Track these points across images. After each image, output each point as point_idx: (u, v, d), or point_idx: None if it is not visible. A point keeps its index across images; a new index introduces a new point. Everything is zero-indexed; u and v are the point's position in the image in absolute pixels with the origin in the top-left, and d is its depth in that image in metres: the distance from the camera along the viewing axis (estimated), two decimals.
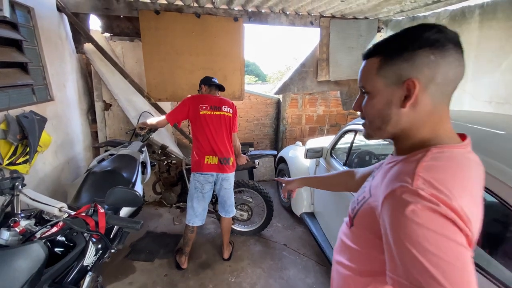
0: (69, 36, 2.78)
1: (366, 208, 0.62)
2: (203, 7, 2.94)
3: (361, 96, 0.64)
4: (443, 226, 0.44)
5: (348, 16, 3.47)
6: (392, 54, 0.56)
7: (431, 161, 0.51)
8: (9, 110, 1.83)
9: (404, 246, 0.45)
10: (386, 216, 0.50)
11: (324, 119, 4.31)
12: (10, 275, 0.80)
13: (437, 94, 0.55)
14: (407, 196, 0.47)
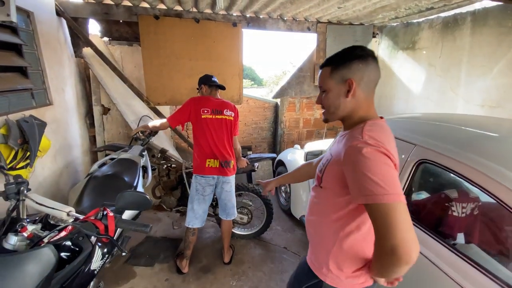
0: (68, 40, 2.78)
1: (331, 164, 0.90)
2: (202, 13, 2.98)
3: (320, 93, 0.95)
4: (382, 158, 0.74)
5: (344, 22, 3.54)
6: (338, 64, 0.88)
7: (369, 127, 0.83)
8: (9, 115, 1.82)
9: (362, 173, 0.73)
10: (349, 160, 0.78)
11: (321, 123, 4.36)
12: (21, 280, 0.79)
13: (366, 88, 0.89)
14: (361, 145, 0.76)
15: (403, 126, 1.71)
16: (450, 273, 1.12)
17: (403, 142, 1.51)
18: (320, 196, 0.95)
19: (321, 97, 0.94)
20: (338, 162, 0.85)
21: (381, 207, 0.69)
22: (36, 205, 1.02)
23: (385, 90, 3.85)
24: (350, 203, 0.84)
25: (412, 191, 1.47)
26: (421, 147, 1.39)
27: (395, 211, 0.68)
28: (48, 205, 1.02)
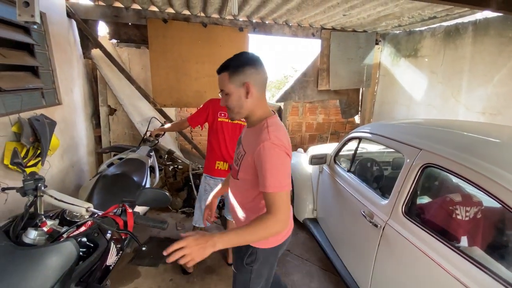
0: (77, 41, 2.82)
1: (245, 159, 1.09)
2: (209, 17, 3.04)
3: (223, 96, 1.08)
4: (282, 154, 0.99)
5: (348, 29, 3.61)
6: (234, 69, 1.02)
7: (271, 127, 1.03)
8: (21, 113, 1.85)
9: (268, 165, 0.96)
10: (259, 155, 0.99)
11: (324, 127, 4.40)
12: (44, 273, 0.82)
13: (259, 89, 1.07)
14: (269, 144, 0.97)
15: (407, 131, 1.75)
16: (455, 274, 1.15)
17: (408, 146, 1.54)
18: (238, 186, 1.17)
19: (224, 99, 1.08)
20: (251, 156, 1.04)
21: (271, 195, 0.95)
22: (55, 201, 1.04)
23: (387, 96, 3.91)
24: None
25: (417, 194, 1.50)
26: (426, 152, 1.42)
27: (281, 198, 0.95)
28: (67, 201, 1.04)
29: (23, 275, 0.81)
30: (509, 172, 1.10)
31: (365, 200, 1.78)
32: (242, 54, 1.06)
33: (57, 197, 1.04)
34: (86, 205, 1.04)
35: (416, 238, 1.36)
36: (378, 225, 1.59)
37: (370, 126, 2.12)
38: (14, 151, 1.21)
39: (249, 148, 1.07)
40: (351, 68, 3.85)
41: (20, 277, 0.80)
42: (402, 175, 1.51)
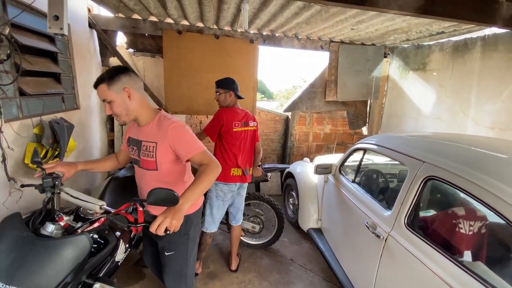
0: (97, 50, 2.99)
1: (159, 148, 1.26)
2: (222, 29, 3.16)
3: (108, 105, 1.21)
4: (188, 128, 1.29)
5: (357, 42, 3.68)
6: (110, 79, 1.18)
7: (166, 115, 1.32)
8: (43, 116, 1.97)
9: (186, 137, 1.25)
10: (174, 135, 1.23)
11: (331, 137, 4.42)
12: (60, 263, 0.89)
13: (139, 93, 1.28)
14: (177, 124, 1.25)
15: (412, 143, 1.77)
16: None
17: (412, 158, 1.57)
18: (158, 174, 1.32)
19: (109, 108, 1.21)
20: (165, 142, 1.25)
21: (200, 153, 1.22)
22: (71, 198, 1.12)
23: (395, 109, 3.91)
24: (181, 162, 1.31)
25: (420, 207, 1.51)
26: (429, 164, 1.44)
27: (206, 152, 1.24)
28: (83, 198, 1.11)
29: (42, 263, 0.87)
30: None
31: (368, 211, 1.79)
32: (114, 67, 1.24)
33: (73, 194, 1.12)
34: (100, 202, 1.11)
35: (419, 251, 1.36)
36: (380, 236, 1.60)
37: (376, 138, 2.14)
38: (35, 151, 1.30)
39: (157, 138, 1.26)
40: (359, 80, 3.89)
41: (39, 265, 0.87)
42: (405, 187, 1.53)
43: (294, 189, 3.17)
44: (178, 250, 1.42)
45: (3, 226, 0.95)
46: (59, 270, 0.88)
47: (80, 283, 1.00)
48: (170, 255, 1.42)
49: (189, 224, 1.41)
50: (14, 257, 0.87)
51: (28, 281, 0.84)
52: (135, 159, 1.39)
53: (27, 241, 0.90)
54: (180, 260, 1.45)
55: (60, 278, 0.88)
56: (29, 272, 0.85)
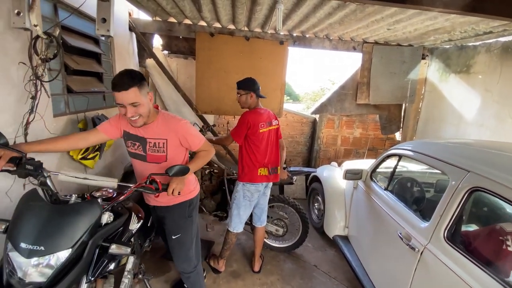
0: (135, 52, 3.17)
1: (170, 143, 1.43)
2: (252, 31, 3.19)
3: (132, 108, 1.25)
4: (191, 126, 1.52)
5: (392, 42, 3.51)
6: (141, 83, 1.26)
7: (168, 113, 1.48)
8: (87, 112, 2.13)
9: (194, 132, 1.49)
10: (183, 132, 1.43)
11: (360, 142, 4.26)
12: (74, 224, 1.02)
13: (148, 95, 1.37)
14: (184, 122, 1.46)
15: (454, 151, 1.64)
16: None
17: (455, 167, 1.45)
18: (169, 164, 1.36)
19: (134, 110, 1.26)
20: (174, 137, 1.42)
21: (203, 145, 1.52)
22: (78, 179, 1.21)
23: (433, 113, 3.67)
24: (184, 151, 1.52)
25: (462, 219, 1.39)
26: (475, 174, 1.32)
27: (207, 142, 1.55)
28: (93, 178, 1.23)
29: (59, 225, 0.99)
30: None
31: (402, 221, 1.69)
32: (132, 71, 1.28)
33: (77, 175, 1.22)
34: (114, 180, 1.24)
35: (459, 267, 1.25)
36: (416, 248, 1.49)
37: (413, 144, 2.02)
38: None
39: (167, 135, 1.41)
40: (394, 83, 3.71)
41: (57, 226, 0.99)
42: (445, 198, 1.42)
43: (320, 194, 3.09)
44: (183, 232, 1.62)
45: (24, 199, 1.06)
46: (75, 230, 1.00)
47: (98, 246, 1.12)
48: (177, 238, 1.60)
49: (192, 207, 1.63)
50: (35, 223, 0.97)
51: (49, 240, 0.96)
52: (137, 154, 1.47)
53: (46, 209, 1.02)
54: (186, 241, 1.63)
55: (77, 237, 1.00)
56: (49, 233, 0.96)
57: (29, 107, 1.46)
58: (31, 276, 0.93)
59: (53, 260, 0.96)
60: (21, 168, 1.11)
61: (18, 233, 0.96)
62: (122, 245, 1.14)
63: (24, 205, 1.04)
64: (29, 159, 1.15)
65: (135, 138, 1.44)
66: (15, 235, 0.96)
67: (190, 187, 1.61)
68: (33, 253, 0.93)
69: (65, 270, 1.00)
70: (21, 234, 0.95)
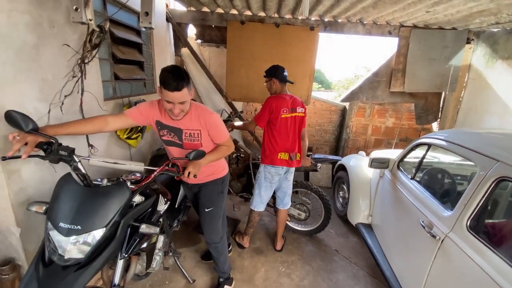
0: (172, 41, 3.38)
1: (203, 134, 1.54)
2: (282, 18, 3.21)
3: (180, 105, 1.35)
4: (221, 120, 1.59)
5: (433, 26, 3.28)
6: (188, 84, 1.34)
7: (199, 106, 1.55)
8: (130, 97, 2.38)
9: (221, 127, 1.58)
10: (212, 125, 1.53)
11: (393, 132, 4.10)
12: (106, 205, 1.10)
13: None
14: (215, 115, 1.55)
15: (486, 140, 1.58)
16: None
17: (483, 156, 1.41)
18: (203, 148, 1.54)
19: (181, 108, 1.36)
20: (205, 129, 1.52)
21: (226, 141, 1.62)
22: (107, 164, 1.27)
23: (475, 103, 3.40)
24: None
25: (487, 209, 1.36)
26: (504, 164, 1.28)
27: (229, 139, 1.65)
28: (121, 162, 1.29)
29: (93, 205, 1.08)
30: None
31: (426, 210, 1.68)
32: (181, 70, 1.33)
33: (107, 160, 1.27)
34: (140, 163, 1.32)
35: (480, 257, 1.25)
36: (436, 236, 1.50)
37: (444, 133, 1.95)
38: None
39: (200, 126, 1.51)
40: (433, 70, 3.48)
41: (91, 207, 1.08)
42: (472, 187, 1.40)
43: (346, 182, 3.09)
44: (215, 206, 1.79)
45: (60, 183, 1.13)
46: (107, 211, 1.09)
47: (129, 225, 1.22)
48: (209, 211, 1.77)
49: (224, 183, 1.82)
50: (72, 204, 1.06)
51: (85, 220, 1.04)
52: (174, 142, 1.57)
53: (80, 191, 1.11)
54: (216, 215, 1.80)
55: (110, 217, 1.09)
56: (85, 213, 1.05)
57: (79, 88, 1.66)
58: (70, 253, 1.02)
59: (89, 238, 1.04)
60: (54, 153, 1.13)
61: (57, 214, 1.04)
62: (152, 225, 1.23)
63: (61, 188, 1.11)
64: (60, 144, 1.16)
65: (170, 129, 1.53)
66: (54, 216, 1.04)
67: (220, 166, 1.78)
68: (71, 232, 1.01)
69: (101, 247, 1.08)
70: (60, 214, 1.04)
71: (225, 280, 2.00)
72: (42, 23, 1.40)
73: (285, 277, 2.21)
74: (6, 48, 1.23)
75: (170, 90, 1.27)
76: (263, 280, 2.15)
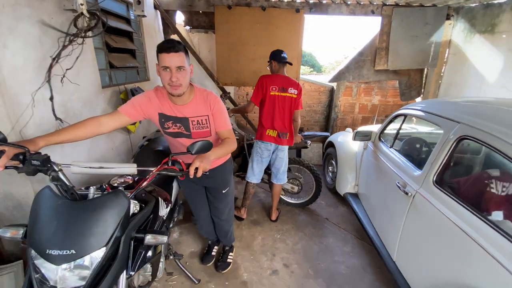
0: (161, 28, 3.43)
1: (210, 119, 1.44)
2: (268, 1, 3.28)
3: (178, 72, 1.23)
4: (223, 104, 1.49)
5: (414, 3, 3.40)
6: (186, 52, 1.28)
7: (203, 89, 1.46)
8: (125, 85, 2.48)
9: (222, 114, 1.46)
10: (216, 108, 1.43)
11: (379, 109, 4.30)
12: (104, 220, 0.93)
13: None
14: (219, 100, 1.46)
15: (451, 106, 1.76)
16: (482, 243, 1.19)
17: (448, 120, 1.59)
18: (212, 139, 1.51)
19: (179, 75, 1.23)
20: (210, 113, 1.43)
21: (228, 131, 1.49)
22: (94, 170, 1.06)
23: (455, 78, 3.59)
24: None
25: (450, 166, 1.56)
26: (465, 125, 1.46)
27: (231, 130, 1.51)
28: (110, 166, 1.08)
29: (87, 223, 0.90)
30: None
31: (401, 172, 1.89)
32: (179, 42, 1.26)
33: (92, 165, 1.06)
34: (133, 165, 1.10)
35: (446, 207, 1.44)
36: (409, 193, 1.71)
37: (420, 103, 2.13)
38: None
39: (206, 110, 1.43)
40: (415, 47, 3.63)
41: (84, 225, 0.89)
42: (437, 147, 1.59)
43: (334, 158, 3.30)
44: (230, 185, 1.86)
45: (38, 200, 0.94)
46: (106, 226, 0.92)
47: (132, 238, 1.05)
48: (226, 191, 1.83)
49: (231, 162, 1.87)
50: (57, 224, 0.88)
51: (79, 242, 0.86)
52: (181, 133, 1.45)
53: (66, 207, 0.92)
54: (232, 192, 1.90)
55: (110, 233, 0.92)
56: (78, 234, 0.87)
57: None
58: (66, 282, 0.84)
59: (87, 262, 0.87)
60: (27, 164, 0.97)
61: (41, 238, 0.86)
62: (158, 234, 1.08)
63: (40, 205, 0.92)
64: (33, 153, 0.99)
65: (175, 119, 1.41)
66: (38, 241, 0.86)
67: None
68: (63, 259, 0.84)
69: (103, 269, 0.92)
70: (46, 239, 0.86)
71: (230, 249, 2.19)
72: (42, 15, 1.49)
73: (281, 242, 2.44)
74: (15, 40, 1.34)
75: (166, 52, 1.19)
76: (260, 246, 2.37)
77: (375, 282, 2.04)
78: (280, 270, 2.12)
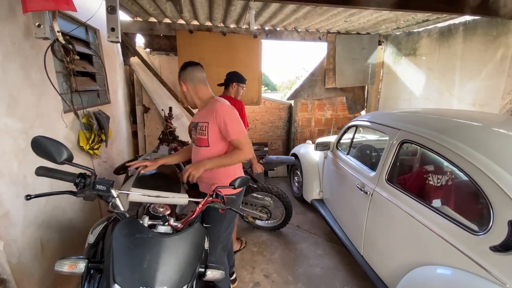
0: (120, 51, 3.38)
1: (210, 126, 1.45)
2: (228, 27, 3.52)
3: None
4: (234, 110, 1.48)
5: (352, 32, 3.98)
6: (180, 70, 1.59)
7: (217, 99, 1.51)
8: (87, 109, 2.39)
9: (228, 119, 1.42)
10: (223, 115, 1.41)
11: (331, 122, 4.77)
12: (188, 253, 0.94)
13: (191, 83, 1.53)
14: (221, 104, 1.46)
15: (391, 117, 2.12)
16: (428, 224, 1.47)
17: (391, 128, 1.92)
18: (212, 151, 1.50)
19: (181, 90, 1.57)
20: (213, 121, 1.43)
21: (242, 139, 1.45)
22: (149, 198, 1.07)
23: (390, 92, 4.23)
24: (225, 141, 1.50)
25: (397, 165, 1.87)
26: (404, 131, 1.80)
27: (245, 139, 1.46)
28: (164, 195, 1.09)
29: (177, 257, 0.90)
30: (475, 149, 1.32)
31: (359, 175, 2.17)
32: (185, 62, 1.56)
33: (146, 193, 1.06)
34: (184, 195, 1.13)
35: (397, 199, 1.72)
36: (368, 192, 1.97)
37: (367, 115, 2.49)
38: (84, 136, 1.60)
39: (209, 118, 1.45)
40: (356, 67, 4.21)
41: (174, 260, 0.89)
42: (385, 151, 1.90)
43: (299, 168, 3.55)
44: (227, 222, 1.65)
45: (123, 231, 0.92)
46: (191, 262, 0.92)
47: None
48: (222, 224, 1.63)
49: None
50: (149, 259, 0.86)
51: (170, 278, 0.85)
52: (193, 138, 1.60)
53: (156, 241, 0.90)
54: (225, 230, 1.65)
55: (194, 268, 0.91)
56: (169, 269, 0.86)
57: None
58: None
59: None
60: (90, 189, 0.95)
61: (132, 275, 0.82)
62: (216, 269, 1.04)
63: (126, 238, 0.89)
64: (98, 177, 0.99)
65: (194, 125, 1.58)
66: (128, 279, 0.82)
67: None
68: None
69: None
70: (136, 276, 0.82)
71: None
72: (4, 40, 1.42)
73: (258, 255, 2.51)
74: None
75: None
76: (239, 261, 2.41)
77: (347, 277, 2.23)
78: (261, 281, 2.18)
